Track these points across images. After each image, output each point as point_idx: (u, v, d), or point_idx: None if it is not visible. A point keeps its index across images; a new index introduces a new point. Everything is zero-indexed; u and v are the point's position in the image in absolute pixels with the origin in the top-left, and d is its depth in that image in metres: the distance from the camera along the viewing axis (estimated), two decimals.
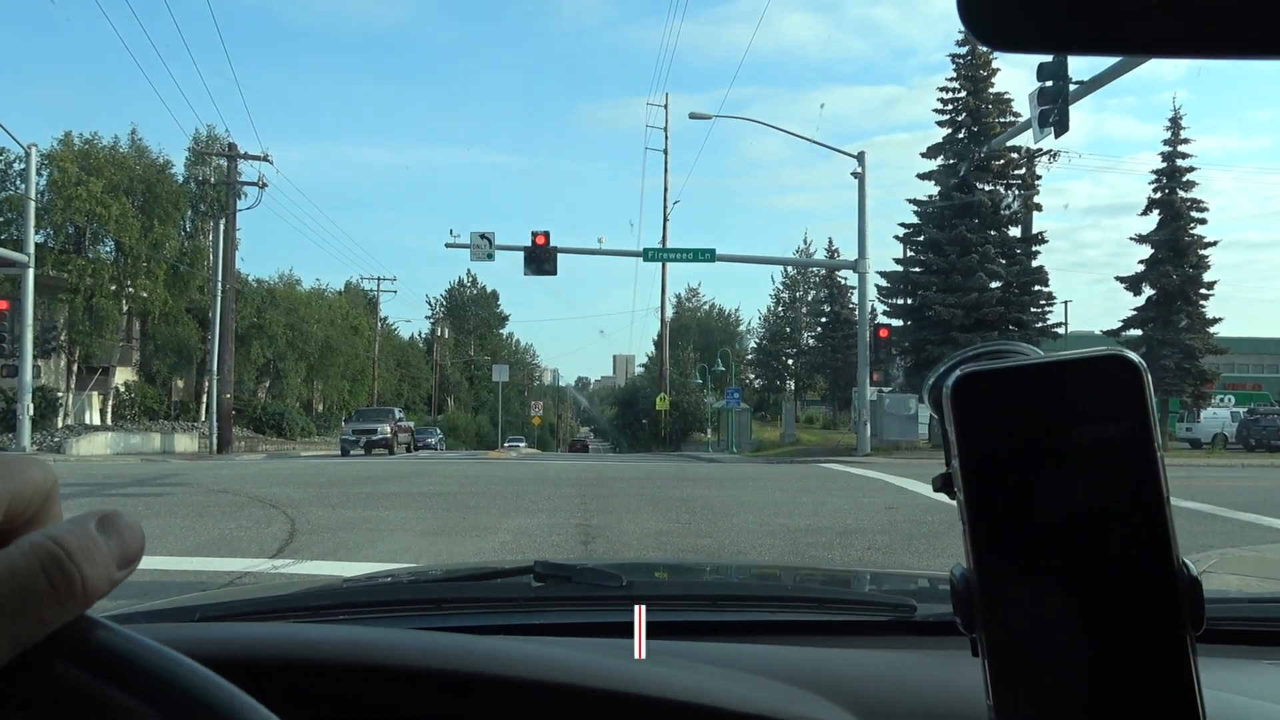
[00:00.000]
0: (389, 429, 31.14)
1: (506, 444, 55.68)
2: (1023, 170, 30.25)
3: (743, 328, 74.37)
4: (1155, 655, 0.44)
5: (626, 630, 0.91)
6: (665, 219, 45.73)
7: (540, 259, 23.72)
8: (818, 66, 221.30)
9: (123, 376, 33.39)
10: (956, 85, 31.16)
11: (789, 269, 64.60)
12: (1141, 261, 32.67)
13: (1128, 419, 0.44)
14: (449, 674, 0.61)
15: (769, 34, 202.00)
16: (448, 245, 25.05)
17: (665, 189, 46.95)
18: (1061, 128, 12.71)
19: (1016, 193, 30.24)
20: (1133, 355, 0.44)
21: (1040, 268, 30.25)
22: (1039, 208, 30.97)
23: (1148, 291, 32.40)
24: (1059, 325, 33.15)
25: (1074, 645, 0.44)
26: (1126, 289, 32.74)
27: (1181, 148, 33.00)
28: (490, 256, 24.78)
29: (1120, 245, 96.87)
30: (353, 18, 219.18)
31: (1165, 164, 32.71)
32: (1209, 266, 32.42)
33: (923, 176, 31.56)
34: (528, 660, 0.63)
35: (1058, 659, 0.44)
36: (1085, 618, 0.44)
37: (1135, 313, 32.56)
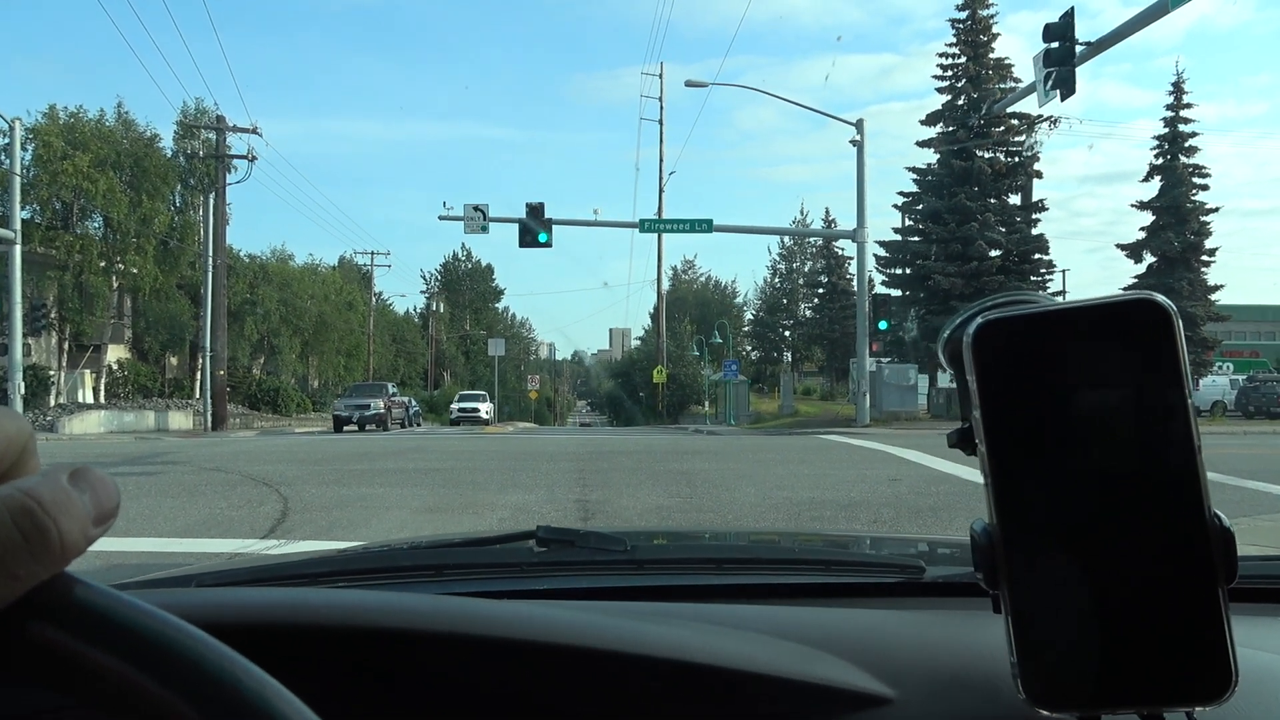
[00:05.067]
0: (382, 404, 30.57)
1: (457, 409, 41.95)
2: (1023, 137, 29.89)
3: (740, 299, 74.15)
4: (1187, 608, 0.43)
5: (631, 594, 0.91)
6: (661, 190, 45.36)
7: (535, 231, 23.42)
8: (812, 35, 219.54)
9: (115, 354, 33.10)
10: (956, 51, 30.72)
11: (786, 240, 64.30)
12: (1142, 228, 32.43)
13: (1157, 365, 0.42)
14: (451, 637, 0.59)
15: (763, 1, 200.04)
16: (441, 218, 24.76)
17: (661, 159, 46.54)
18: (1067, 90, 12.40)
19: (1024, 146, 29.71)
20: (1163, 299, 0.43)
21: (1040, 235, 29.97)
22: (1039, 174, 30.68)
23: (1149, 258, 32.18)
24: (1059, 293, 32.97)
25: (1101, 600, 0.43)
26: (1127, 256, 32.56)
27: (1183, 113, 32.66)
28: (484, 229, 24.49)
29: (1116, 213, 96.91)
30: None
31: (1167, 129, 32.35)
32: (1210, 233, 32.20)
33: (922, 144, 31.20)
34: (534, 623, 0.61)
35: (1084, 614, 0.43)
36: (1114, 571, 0.43)
37: (1135, 280, 32.34)
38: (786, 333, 65.41)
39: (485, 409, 42.57)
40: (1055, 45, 12.39)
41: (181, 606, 0.54)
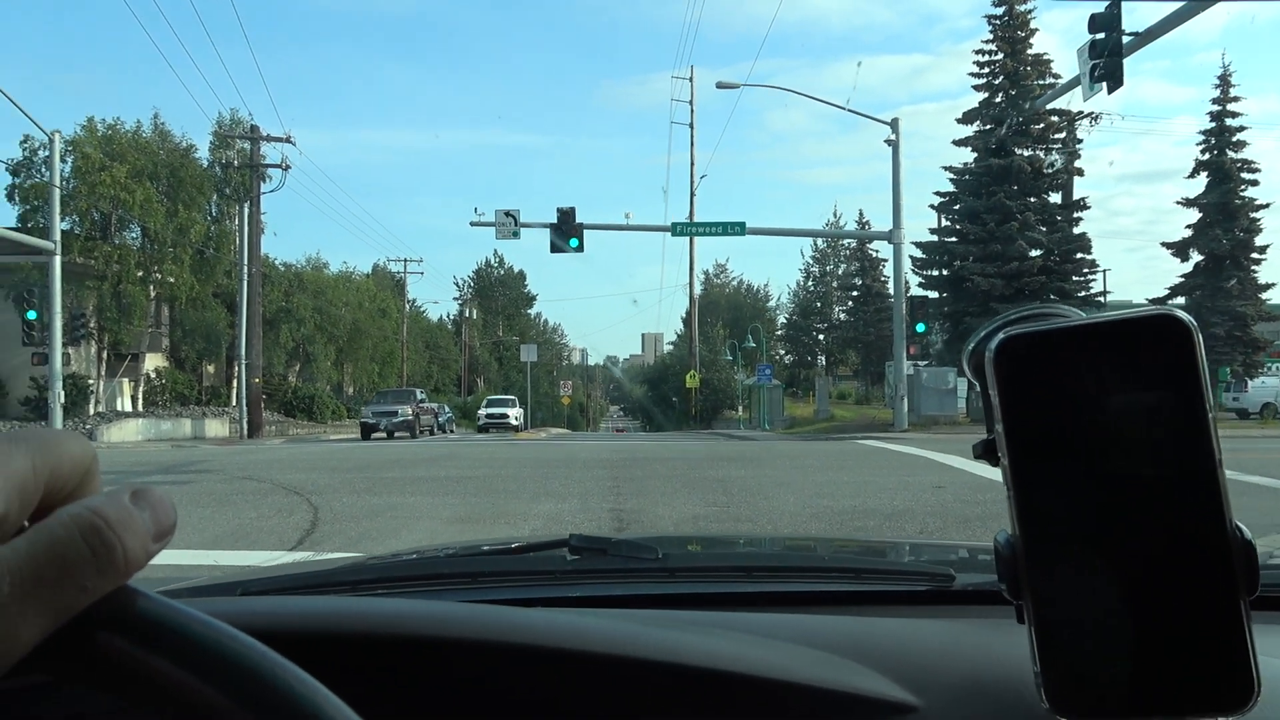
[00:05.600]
0: (411, 411, 29.32)
1: (485, 415, 40.32)
2: (1063, 134, 29.18)
3: (772, 303, 73.67)
4: (1208, 620, 0.44)
5: (663, 602, 0.93)
6: (692, 194, 45.09)
7: (566, 235, 23.29)
8: (842, 36, 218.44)
9: (153, 363, 33.47)
10: (993, 47, 30.09)
11: (819, 243, 63.77)
12: (1188, 226, 31.48)
13: (1179, 380, 0.43)
14: (487, 644, 0.61)
15: (791, 3, 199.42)
16: (473, 224, 24.76)
17: (691, 163, 46.26)
18: (1115, 83, 11.90)
19: (1059, 152, 29.02)
20: (1184, 315, 0.44)
21: (1083, 234, 29.09)
22: (1080, 172, 29.88)
23: (1195, 257, 31.23)
24: (1102, 294, 32.11)
25: (1123, 611, 0.44)
26: (1173, 254, 31.59)
27: (1231, 106, 31.72)
28: (516, 234, 24.42)
29: (1154, 213, 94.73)
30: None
31: (1214, 123, 31.39)
32: (1261, 230, 31.18)
33: (959, 143, 30.58)
34: (567, 630, 0.62)
35: (1106, 625, 0.44)
36: (1135, 583, 0.44)
37: (1182, 279, 31.40)
38: (820, 336, 64.85)
39: (515, 414, 40.94)
40: (1101, 36, 11.94)
41: (230, 615, 0.55)
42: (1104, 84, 12.08)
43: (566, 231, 23.32)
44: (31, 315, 23.18)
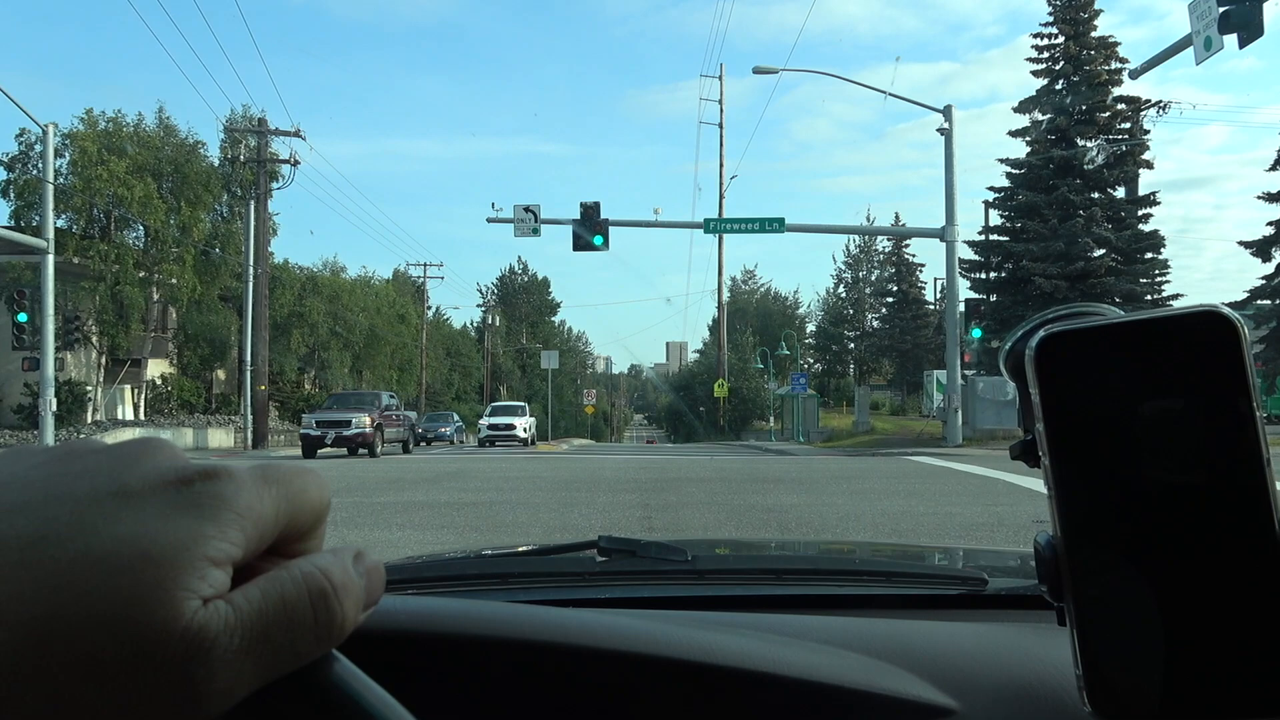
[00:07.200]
0: (368, 421, 21.91)
1: (486, 425, 33.32)
2: (1129, 124, 26.93)
3: (802, 310, 71.67)
4: (1253, 622, 0.42)
5: (692, 604, 0.93)
6: (721, 194, 43.30)
7: (591, 232, 21.55)
8: (869, 46, 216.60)
9: (158, 369, 32.01)
10: (1054, 31, 27.89)
11: (852, 248, 61.76)
12: (1270, 223, 28.93)
13: (1224, 378, 0.42)
14: (522, 643, 0.62)
15: (818, 13, 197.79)
16: (489, 220, 23.13)
17: (720, 163, 44.44)
18: (1251, 32, 9.88)
19: (1107, 145, 26.70)
20: (1228, 312, 0.42)
21: (1154, 232, 26.74)
22: (1150, 165, 27.53)
23: (1278, 257, 28.67)
24: (1175, 297, 29.71)
25: (1168, 612, 0.43)
26: (1253, 255, 29.02)
27: None
28: (536, 231, 22.76)
29: (1185, 221, 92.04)
30: (399, 10, 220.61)
31: None
32: None
33: (1015, 134, 28.40)
34: (601, 630, 0.63)
35: (1151, 627, 0.43)
36: (1180, 586, 0.42)
37: (1262, 280, 28.87)
38: (851, 345, 62.73)
39: (523, 425, 33.40)
40: None
41: None
42: (1235, 35, 10.06)
43: (591, 228, 21.59)
44: (22, 318, 21.75)
